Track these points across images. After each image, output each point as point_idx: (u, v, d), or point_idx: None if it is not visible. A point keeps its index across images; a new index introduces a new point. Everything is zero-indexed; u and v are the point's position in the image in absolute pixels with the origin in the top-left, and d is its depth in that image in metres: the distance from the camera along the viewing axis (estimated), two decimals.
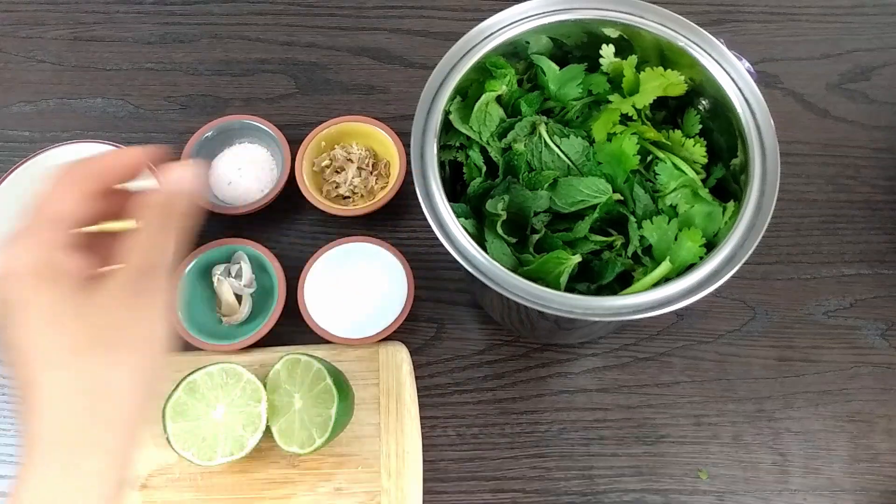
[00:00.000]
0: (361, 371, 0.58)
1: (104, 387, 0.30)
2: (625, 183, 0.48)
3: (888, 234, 0.65)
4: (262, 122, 0.65)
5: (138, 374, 0.31)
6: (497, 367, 0.61)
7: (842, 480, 0.57)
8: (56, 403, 0.29)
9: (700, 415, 0.59)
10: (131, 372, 0.30)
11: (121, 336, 0.30)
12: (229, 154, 0.65)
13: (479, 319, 0.62)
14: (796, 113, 0.69)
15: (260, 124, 0.65)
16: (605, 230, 0.49)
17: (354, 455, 0.55)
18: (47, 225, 0.31)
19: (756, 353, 0.61)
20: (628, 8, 0.48)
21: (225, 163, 0.64)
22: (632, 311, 0.42)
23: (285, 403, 0.53)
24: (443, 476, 0.57)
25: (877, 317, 0.62)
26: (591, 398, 0.60)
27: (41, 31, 0.74)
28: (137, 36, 0.74)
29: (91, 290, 0.30)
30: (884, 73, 0.71)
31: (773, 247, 0.64)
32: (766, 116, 0.46)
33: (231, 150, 0.66)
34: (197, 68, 0.72)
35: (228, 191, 0.64)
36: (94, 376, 0.30)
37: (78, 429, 0.29)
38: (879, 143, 0.68)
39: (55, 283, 0.30)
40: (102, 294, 0.30)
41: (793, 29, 0.73)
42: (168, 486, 0.54)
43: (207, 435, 0.52)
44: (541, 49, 0.51)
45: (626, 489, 0.57)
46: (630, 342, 0.61)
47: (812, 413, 0.59)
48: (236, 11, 0.75)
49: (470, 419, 0.59)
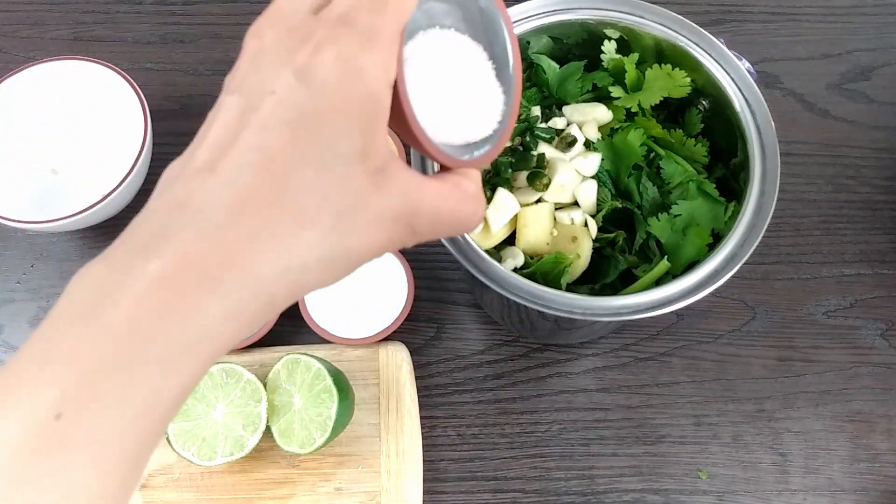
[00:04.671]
0: (361, 371, 0.58)
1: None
2: (629, 178, 0.48)
3: (888, 234, 0.65)
4: None
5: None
6: (497, 367, 0.61)
7: (842, 480, 0.57)
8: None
9: (700, 415, 0.59)
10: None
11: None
12: None
13: (479, 319, 0.62)
14: (796, 113, 0.69)
15: None
16: (607, 228, 0.49)
17: (354, 455, 0.55)
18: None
19: (756, 353, 0.61)
20: (628, 8, 0.48)
21: None
22: (632, 311, 0.42)
23: (285, 403, 0.53)
24: (443, 476, 0.57)
25: (877, 317, 0.62)
26: (591, 398, 0.60)
27: (41, 31, 0.74)
28: (137, 36, 0.74)
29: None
30: (884, 73, 0.71)
31: (773, 247, 0.64)
32: (766, 116, 0.46)
33: None
34: (197, 68, 0.72)
35: None
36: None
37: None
38: (879, 143, 0.68)
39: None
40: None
41: (793, 29, 0.73)
42: (168, 486, 0.54)
43: (207, 435, 0.52)
44: (541, 48, 0.51)
45: (626, 489, 0.57)
46: (630, 342, 0.61)
47: (812, 413, 0.59)
48: (236, 11, 0.74)
49: (470, 419, 0.59)
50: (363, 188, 0.24)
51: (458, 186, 0.28)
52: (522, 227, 0.47)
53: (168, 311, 0.22)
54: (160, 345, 0.22)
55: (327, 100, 0.23)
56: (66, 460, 0.21)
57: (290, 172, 0.23)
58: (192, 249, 0.22)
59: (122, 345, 0.21)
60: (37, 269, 0.64)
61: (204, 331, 0.22)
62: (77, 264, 0.64)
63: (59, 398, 0.21)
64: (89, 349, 0.21)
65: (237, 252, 0.23)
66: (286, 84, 0.24)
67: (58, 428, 0.21)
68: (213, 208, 0.23)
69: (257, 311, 0.23)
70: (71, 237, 0.65)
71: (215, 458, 0.51)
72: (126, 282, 0.22)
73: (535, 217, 0.47)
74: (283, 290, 0.24)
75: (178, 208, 0.23)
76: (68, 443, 0.21)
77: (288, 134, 0.23)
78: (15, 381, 0.22)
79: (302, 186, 0.23)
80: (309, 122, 0.23)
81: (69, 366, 0.21)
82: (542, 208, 0.47)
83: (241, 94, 0.25)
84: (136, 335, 0.22)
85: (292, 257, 0.23)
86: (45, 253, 0.65)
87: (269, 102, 0.24)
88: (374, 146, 0.24)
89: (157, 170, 0.64)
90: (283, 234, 0.23)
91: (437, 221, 0.27)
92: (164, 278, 0.22)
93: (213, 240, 0.23)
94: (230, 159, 0.23)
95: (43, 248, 0.65)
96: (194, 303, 0.22)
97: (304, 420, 0.52)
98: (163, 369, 0.22)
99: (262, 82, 0.24)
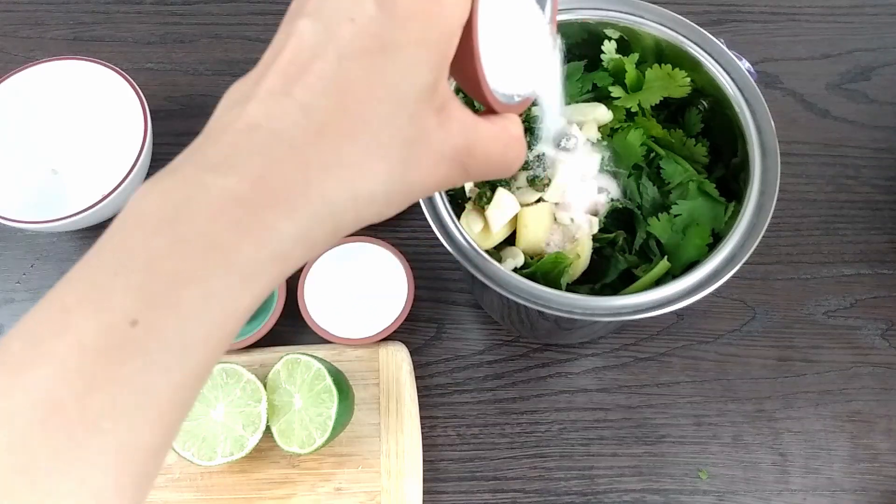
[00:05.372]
0: (361, 371, 0.58)
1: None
2: (629, 178, 0.48)
3: (888, 234, 0.65)
4: None
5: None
6: (497, 367, 0.61)
7: (842, 480, 0.57)
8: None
9: (700, 415, 0.59)
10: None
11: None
12: None
13: (479, 319, 0.62)
14: (796, 113, 0.69)
15: None
16: (607, 228, 0.49)
17: (354, 455, 0.55)
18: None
19: (756, 353, 0.61)
20: (628, 8, 0.48)
21: None
22: (632, 311, 0.42)
23: (285, 403, 0.53)
24: (443, 476, 0.57)
25: (877, 317, 0.62)
26: (591, 398, 0.60)
27: (41, 31, 0.74)
28: (137, 36, 0.74)
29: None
30: (884, 73, 0.71)
31: (773, 247, 0.64)
32: (766, 116, 0.46)
33: None
34: (197, 68, 0.72)
35: None
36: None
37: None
38: (879, 143, 0.68)
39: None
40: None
41: (793, 29, 0.73)
42: (168, 486, 0.54)
43: (207, 435, 0.52)
44: None
45: (626, 489, 0.57)
46: (630, 342, 0.61)
47: (812, 413, 0.59)
48: (236, 11, 0.75)
49: (470, 419, 0.59)
50: (429, 124, 0.25)
51: (506, 129, 0.28)
52: (522, 227, 0.47)
53: (244, 228, 0.22)
54: (237, 260, 0.22)
55: (406, 32, 0.23)
56: (141, 368, 0.21)
57: (364, 103, 0.23)
58: (268, 171, 0.22)
59: (199, 256, 0.21)
60: (37, 269, 0.64)
61: (276, 250, 0.23)
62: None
63: (135, 305, 0.21)
64: (166, 258, 0.21)
65: (311, 177, 0.23)
66: (367, 12, 0.23)
67: (134, 335, 0.20)
68: (288, 131, 0.23)
69: (324, 235, 0.24)
70: (71, 237, 0.65)
71: (215, 458, 0.51)
72: (201, 197, 0.22)
73: (535, 217, 0.47)
74: (349, 217, 0.24)
75: (250, 129, 0.23)
76: (144, 351, 0.21)
77: (366, 64, 0.23)
78: (87, 287, 0.21)
79: (375, 118, 0.24)
80: (386, 53, 0.23)
81: (145, 274, 0.21)
82: (542, 208, 0.47)
83: (318, 18, 0.24)
84: (215, 248, 0.22)
85: (361, 186, 0.24)
86: (45, 253, 0.65)
87: (348, 30, 0.23)
88: (442, 83, 0.25)
89: (157, 170, 0.64)
90: (354, 164, 0.23)
91: (488, 162, 0.28)
92: (240, 197, 0.22)
93: (288, 163, 0.23)
94: (306, 84, 0.23)
95: (43, 248, 0.65)
96: (269, 222, 0.22)
97: (304, 420, 0.52)
98: (239, 284, 0.22)
99: (340, 8, 0.24)
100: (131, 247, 0.22)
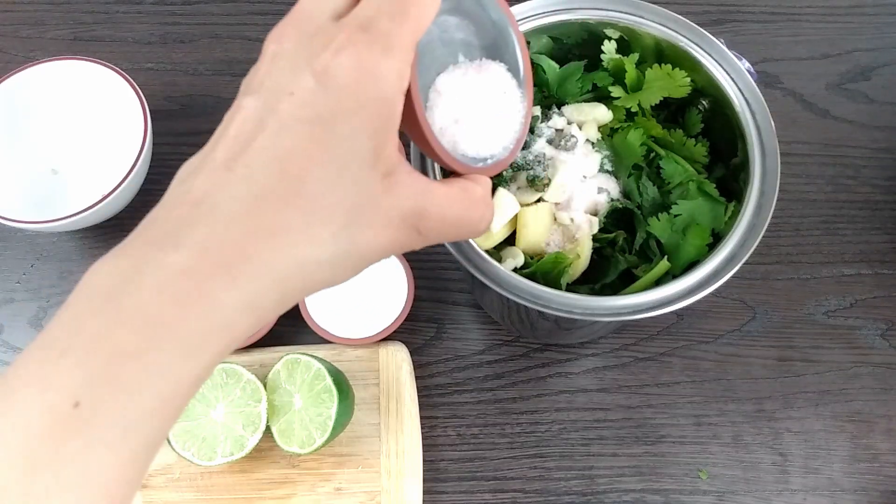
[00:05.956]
0: (361, 371, 0.58)
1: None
2: (629, 177, 0.48)
3: (888, 234, 0.65)
4: None
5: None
6: (497, 367, 0.61)
7: (842, 480, 0.57)
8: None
9: (700, 415, 0.59)
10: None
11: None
12: None
13: (479, 319, 0.62)
14: (796, 113, 0.69)
15: None
16: (607, 228, 0.49)
17: (354, 455, 0.55)
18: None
19: (756, 353, 0.61)
20: (628, 8, 0.48)
21: None
22: (632, 311, 0.42)
23: (285, 403, 0.53)
24: (443, 476, 0.57)
25: (877, 317, 0.62)
26: (591, 398, 0.60)
27: (41, 31, 0.74)
28: (137, 36, 0.74)
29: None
30: (884, 73, 0.71)
31: (773, 247, 0.64)
32: (766, 116, 0.46)
33: None
34: (197, 68, 0.72)
35: None
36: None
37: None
38: (879, 143, 0.68)
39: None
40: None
41: (793, 29, 0.73)
42: (168, 486, 0.54)
43: (207, 435, 0.52)
44: (541, 48, 0.51)
45: (626, 489, 0.57)
46: (630, 342, 0.61)
47: (812, 413, 0.59)
48: (236, 11, 0.75)
49: (470, 419, 0.59)
50: (374, 189, 0.25)
51: (465, 191, 0.28)
52: (522, 227, 0.47)
53: (188, 300, 0.22)
54: (180, 333, 0.22)
55: (344, 102, 0.24)
56: (83, 447, 0.21)
57: (305, 171, 0.24)
58: (211, 243, 0.23)
59: (142, 332, 0.22)
60: (37, 269, 0.64)
61: (221, 321, 0.23)
62: (77, 264, 0.64)
63: (79, 385, 0.21)
64: (109, 336, 0.22)
65: (254, 246, 0.23)
66: (305, 86, 0.24)
67: (76, 415, 0.21)
68: (230, 204, 0.23)
69: (271, 303, 0.24)
70: (71, 237, 0.65)
71: (215, 458, 0.51)
72: (147, 272, 0.22)
73: (534, 217, 0.47)
74: (296, 285, 0.25)
75: (196, 204, 0.24)
76: (86, 430, 0.21)
77: (305, 134, 0.24)
78: (34, 368, 0.22)
79: (317, 186, 0.24)
80: (325, 123, 0.24)
81: (89, 353, 0.22)
82: (542, 208, 0.47)
83: (260, 94, 0.25)
84: (157, 323, 0.22)
85: (306, 253, 0.24)
86: (45, 253, 0.65)
87: (288, 103, 0.24)
88: (386, 149, 0.25)
89: (157, 170, 0.64)
90: (297, 231, 0.24)
91: (444, 225, 0.28)
92: (184, 270, 0.22)
93: (231, 234, 0.23)
94: (248, 157, 0.24)
95: (43, 248, 0.65)
96: (213, 293, 0.23)
97: (304, 420, 0.52)
98: (182, 356, 0.22)
99: (281, 84, 0.25)
100: (77, 326, 0.22)
